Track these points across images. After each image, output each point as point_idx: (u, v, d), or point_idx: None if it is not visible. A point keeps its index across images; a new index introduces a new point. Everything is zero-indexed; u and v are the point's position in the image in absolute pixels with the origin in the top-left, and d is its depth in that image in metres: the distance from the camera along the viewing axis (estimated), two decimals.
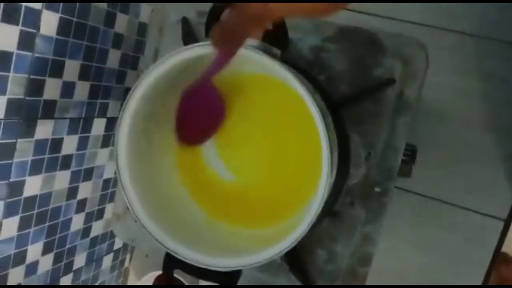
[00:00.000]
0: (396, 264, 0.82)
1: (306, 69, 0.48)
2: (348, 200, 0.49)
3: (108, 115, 0.70)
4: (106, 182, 0.76)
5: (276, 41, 0.40)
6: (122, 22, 0.66)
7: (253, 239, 0.49)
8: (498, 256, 0.73)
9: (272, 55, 0.40)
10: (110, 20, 0.63)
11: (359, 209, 0.48)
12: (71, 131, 0.63)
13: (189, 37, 0.51)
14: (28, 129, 0.56)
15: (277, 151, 0.48)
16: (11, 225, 0.58)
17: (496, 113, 0.74)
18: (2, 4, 0.47)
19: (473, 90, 0.74)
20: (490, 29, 0.74)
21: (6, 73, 0.50)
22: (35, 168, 0.59)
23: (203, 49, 0.42)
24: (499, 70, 0.75)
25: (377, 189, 0.47)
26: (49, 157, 0.61)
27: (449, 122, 0.76)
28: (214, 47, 0.33)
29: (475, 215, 0.77)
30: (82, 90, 0.63)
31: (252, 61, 0.40)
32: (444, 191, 0.78)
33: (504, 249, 0.76)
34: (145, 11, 0.70)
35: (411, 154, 0.60)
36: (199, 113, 0.44)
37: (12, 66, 0.51)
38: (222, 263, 0.43)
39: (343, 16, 0.72)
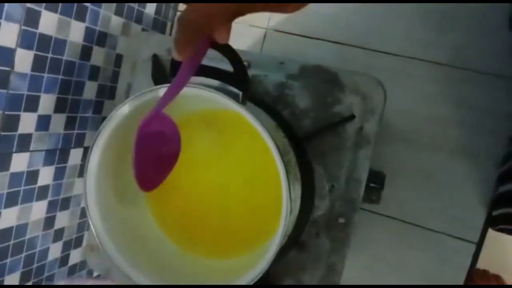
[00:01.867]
0: (371, 283, 0.83)
1: (271, 105, 0.50)
2: (314, 231, 0.50)
3: (85, 144, 0.72)
4: (84, 210, 0.76)
5: (237, 82, 0.42)
6: (98, 55, 0.68)
7: (222, 270, 0.50)
8: (471, 277, 0.74)
9: (234, 96, 0.42)
10: (86, 53, 0.65)
11: (324, 240, 0.50)
12: (48, 162, 0.64)
13: (159, 74, 0.52)
14: (3, 163, 0.57)
15: (244, 185, 0.50)
16: None
17: (466, 138, 0.77)
18: None
19: (443, 117, 0.77)
20: (462, 59, 0.77)
21: None
22: (11, 200, 0.60)
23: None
24: (469, 97, 0.78)
25: (341, 220, 0.49)
26: (25, 189, 0.62)
27: (421, 148, 0.79)
28: (177, 53, 0.32)
29: (447, 238, 0.79)
30: (58, 122, 0.64)
31: (213, 99, 0.42)
32: (417, 214, 0.80)
33: (481, 265, 0.77)
34: (122, 43, 0.72)
35: (379, 181, 0.62)
36: (155, 148, 0.43)
37: None
38: None
39: (319, 44, 0.75)
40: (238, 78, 0.41)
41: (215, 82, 0.43)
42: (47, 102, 0.61)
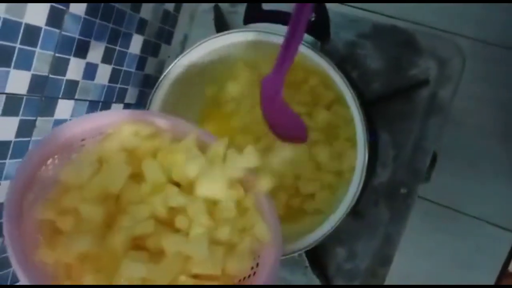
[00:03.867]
0: (405, 267, 0.81)
1: (340, 64, 0.48)
2: (372, 199, 0.48)
3: (126, 101, 0.70)
4: None
5: (317, 32, 0.40)
6: (147, 8, 0.65)
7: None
8: (507, 266, 0.72)
9: (312, 46, 0.39)
10: (136, 4, 0.63)
11: (383, 209, 0.48)
12: (90, 112, 0.62)
13: (221, 24, 0.50)
14: (48, 108, 0.55)
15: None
16: None
17: None
18: None
19: (493, 99, 0.74)
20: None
21: (33, 49, 0.50)
22: None
23: (237, 37, 0.41)
24: None
25: (403, 190, 0.47)
26: None
27: (467, 130, 0.76)
28: None
29: (486, 225, 0.77)
30: (103, 73, 0.62)
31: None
32: (457, 199, 0.78)
33: None
34: None
35: (432, 158, 0.60)
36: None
37: (39, 43, 0.50)
38: None
39: (373, 18, 0.72)
40: (319, 27, 0.39)
41: (283, 29, 0.40)
42: (96, 50, 0.58)
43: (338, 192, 0.43)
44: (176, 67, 0.41)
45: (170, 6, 0.71)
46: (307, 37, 0.39)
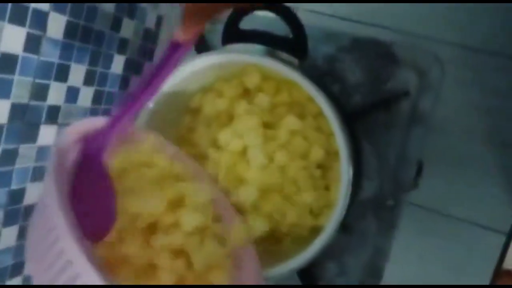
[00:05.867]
0: (398, 272, 0.81)
1: (320, 78, 0.48)
2: (360, 212, 0.48)
3: None
4: None
5: (294, 50, 0.40)
6: (128, 27, 0.65)
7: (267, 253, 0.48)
8: (500, 269, 0.72)
9: (290, 64, 0.39)
10: (116, 24, 0.62)
11: (371, 222, 0.48)
12: None
13: (201, 44, 0.50)
14: (30, 134, 0.54)
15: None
16: (10, 234, 0.56)
17: (500, 127, 0.75)
18: (9, 4, 0.46)
19: (477, 105, 0.74)
20: (495, 44, 0.74)
21: (11, 76, 0.49)
22: (37, 175, 0.57)
23: (218, 58, 0.41)
24: (501, 84, 0.76)
25: (389, 202, 0.47)
26: None
27: (451, 135, 0.76)
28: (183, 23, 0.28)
29: (476, 228, 0.77)
30: (86, 96, 0.61)
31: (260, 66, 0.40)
32: (446, 203, 0.78)
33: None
34: (151, 17, 0.69)
35: (418, 167, 0.60)
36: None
37: (17, 70, 0.49)
38: None
39: (354, 28, 0.72)
40: (296, 45, 0.39)
41: (258, 48, 0.40)
42: (77, 72, 0.58)
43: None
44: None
45: (151, 24, 0.71)
46: (283, 54, 0.39)
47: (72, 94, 0.59)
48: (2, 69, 0.48)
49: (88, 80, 0.61)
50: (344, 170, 0.40)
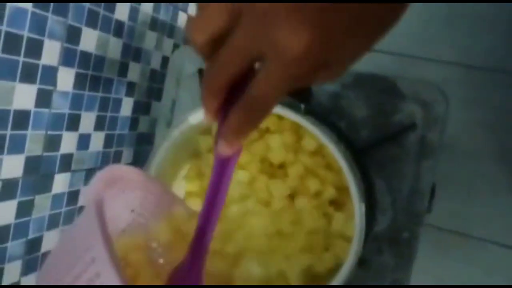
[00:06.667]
0: None
1: (327, 117, 0.48)
2: (375, 247, 0.48)
3: (122, 161, 0.70)
4: None
5: (299, 95, 0.40)
6: (134, 70, 0.67)
7: None
8: None
9: (296, 109, 0.40)
10: (123, 69, 0.64)
11: (387, 256, 0.47)
12: (88, 181, 0.62)
13: None
14: (45, 184, 0.55)
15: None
16: (30, 282, 0.56)
17: (505, 143, 0.74)
18: (20, 63, 0.47)
19: (481, 122, 0.74)
20: (496, 61, 0.74)
21: (24, 132, 0.50)
22: (53, 222, 0.58)
23: None
24: (506, 101, 0.76)
25: (405, 235, 0.47)
26: (66, 210, 0.60)
27: (461, 155, 0.76)
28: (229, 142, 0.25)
29: (493, 246, 0.76)
30: (97, 141, 0.63)
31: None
32: (462, 223, 0.77)
33: None
34: (155, 58, 0.71)
35: (430, 190, 0.60)
36: None
37: (30, 125, 0.51)
38: None
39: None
40: (300, 90, 0.40)
41: None
42: (87, 120, 0.59)
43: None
44: (164, 144, 0.42)
45: (156, 65, 0.72)
46: (288, 98, 0.40)
47: (83, 141, 0.60)
48: (15, 126, 0.49)
49: (99, 125, 0.62)
50: (357, 207, 0.40)
